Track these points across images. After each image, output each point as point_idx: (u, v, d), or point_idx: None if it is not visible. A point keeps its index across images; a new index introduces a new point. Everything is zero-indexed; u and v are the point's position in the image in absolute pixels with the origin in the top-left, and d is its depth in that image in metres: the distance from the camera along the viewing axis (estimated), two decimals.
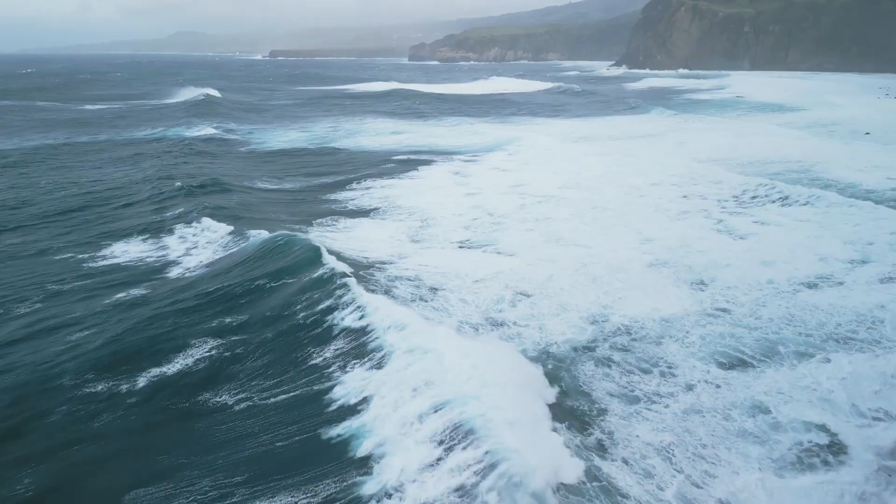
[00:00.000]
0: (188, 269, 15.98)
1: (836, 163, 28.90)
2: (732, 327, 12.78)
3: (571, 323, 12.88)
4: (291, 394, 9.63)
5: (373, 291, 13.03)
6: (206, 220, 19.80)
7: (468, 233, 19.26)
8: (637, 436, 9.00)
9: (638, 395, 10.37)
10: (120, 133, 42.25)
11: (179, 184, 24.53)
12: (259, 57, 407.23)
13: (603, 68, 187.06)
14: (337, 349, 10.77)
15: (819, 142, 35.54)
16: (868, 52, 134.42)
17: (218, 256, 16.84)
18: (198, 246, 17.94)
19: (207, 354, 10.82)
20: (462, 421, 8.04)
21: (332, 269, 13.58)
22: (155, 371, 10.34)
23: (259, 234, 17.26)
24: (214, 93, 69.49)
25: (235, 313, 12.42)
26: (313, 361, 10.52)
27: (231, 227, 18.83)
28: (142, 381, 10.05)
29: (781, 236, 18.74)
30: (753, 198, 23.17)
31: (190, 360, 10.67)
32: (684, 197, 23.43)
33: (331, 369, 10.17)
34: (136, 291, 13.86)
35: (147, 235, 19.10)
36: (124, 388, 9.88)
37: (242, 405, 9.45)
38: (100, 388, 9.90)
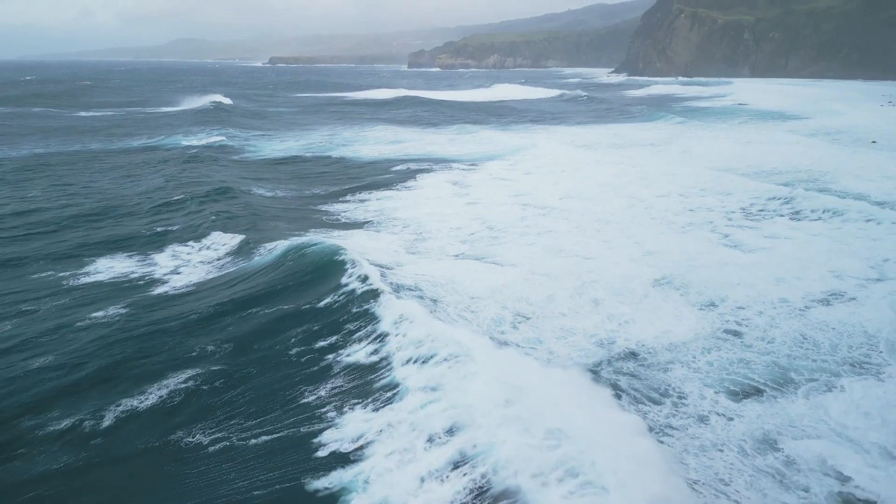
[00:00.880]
0: (174, 287, 15.20)
1: (845, 173, 28.17)
2: (744, 351, 12.05)
3: (578, 346, 12.16)
4: (275, 435, 8.78)
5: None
6: (202, 234, 19.11)
7: (465, 247, 18.51)
8: None
9: (651, 426, 9.65)
10: (113, 142, 41.51)
11: (168, 195, 23.82)
12: (259, 64, 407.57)
13: (603, 75, 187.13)
14: (334, 387, 9.91)
15: (826, 151, 34.82)
16: (868, 60, 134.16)
17: (206, 274, 16.10)
18: (189, 263, 17.17)
19: (184, 386, 10.00)
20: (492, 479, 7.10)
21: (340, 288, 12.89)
22: (124, 404, 9.51)
23: (253, 248, 16.52)
24: (225, 100, 69.08)
25: (220, 339, 11.63)
26: (304, 399, 9.67)
27: (225, 241, 18.10)
28: (108, 416, 9.23)
29: (793, 251, 18.00)
30: (762, 210, 22.45)
31: (164, 392, 9.86)
32: (690, 210, 22.68)
33: (325, 409, 9.33)
34: (114, 311, 13.06)
35: (134, 251, 18.35)
36: (88, 424, 9.06)
37: (219, 446, 8.63)
38: (59, 423, 9.05)
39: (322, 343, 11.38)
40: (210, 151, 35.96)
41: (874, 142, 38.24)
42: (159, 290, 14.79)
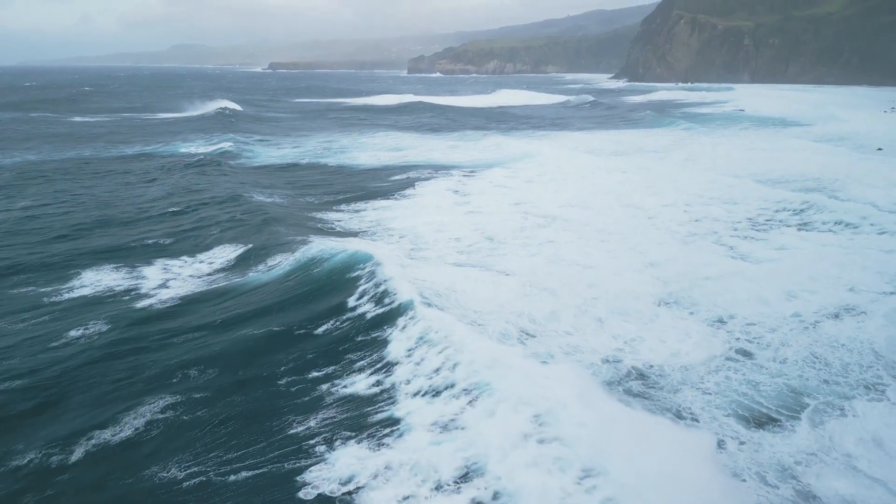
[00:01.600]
0: (161, 302, 14.54)
1: (854, 181, 27.55)
2: (755, 373, 11.43)
3: (585, 365, 11.53)
4: (258, 471, 8.10)
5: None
6: (197, 245, 18.49)
7: (463, 257, 17.88)
8: None
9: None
10: (108, 150, 40.91)
11: (166, 204, 23.20)
12: (259, 69, 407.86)
13: (604, 81, 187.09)
14: (325, 419, 9.26)
15: (832, 158, 34.23)
16: (869, 65, 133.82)
17: (195, 289, 15.45)
18: (179, 277, 16.51)
19: (161, 416, 9.31)
20: None
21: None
22: (97, 436, 8.83)
23: (250, 260, 15.89)
24: (233, 105, 68.56)
25: (204, 361, 10.96)
26: (293, 430, 9.00)
27: (220, 253, 17.47)
28: (78, 450, 8.54)
29: (803, 263, 17.37)
30: (769, 220, 21.83)
31: (140, 422, 9.17)
32: (696, 220, 22.05)
33: (313, 441, 8.65)
34: (93, 329, 12.40)
35: (123, 263, 17.69)
36: (55, 458, 8.38)
37: (194, 481, 7.96)
38: (23, 456, 8.36)
39: (305, 365, 10.70)
40: (213, 158, 35.38)
41: (880, 149, 37.65)
42: (144, 304, 14.13)
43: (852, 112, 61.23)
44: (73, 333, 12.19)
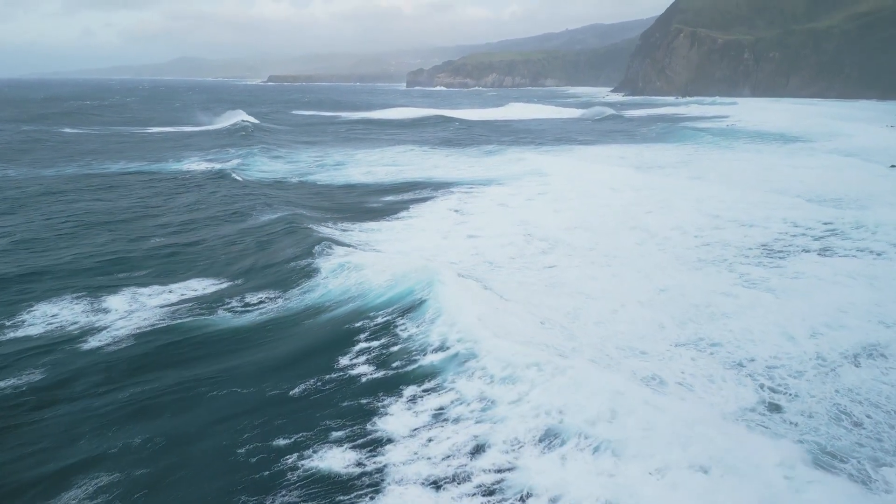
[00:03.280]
0: (115, 340, 12.90)
1: (873, 199, 26.06)
2: (787, 429, 9.79)
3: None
4: None
5: None
6: (172, 272, 16.87)
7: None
8: None
9: None
10: (102, 164, 39.37)
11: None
12: (258, 82, 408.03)
13: (605, 94, 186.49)
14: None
15: (847, 174, 32.83)
16: (870, 79, 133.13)
17: (160, 322, 13.83)
18: (145, 307, 14.89)
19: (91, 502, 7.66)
20: None
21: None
22: None
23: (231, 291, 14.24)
24: (251, 119, 67.39)
25: (155, 426, 9.31)
26: None
27: (197, 281, 15.86)
28: None
29: (826, 295, 15.82)
30: (788, 246, 20.23)
31: None
32: (706, 245, 20.47)
33: None
34: (25, 380, 10.72)
35: (86, 293, 16.06)
36: None
37: None
38: None
39: (276, 435, 9.01)
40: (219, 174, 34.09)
41: (893, 165, 36.19)
42: (94, 345, 12.48)
43: (858, 128, 60.01)
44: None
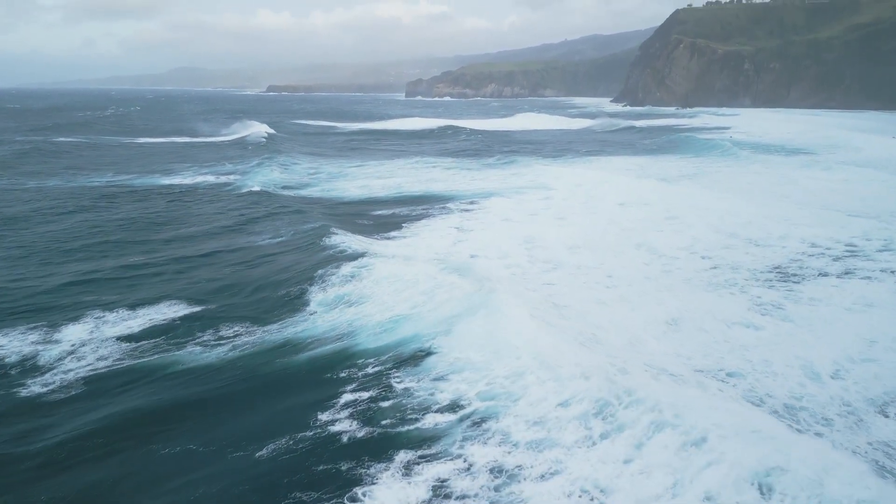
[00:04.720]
0: (64, 384, 11.39)
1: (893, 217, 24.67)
2: None
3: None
4: None
5: None
6: (144, 297, 15.41)
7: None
8: None
9: None
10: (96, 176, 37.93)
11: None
12: (257, 91, 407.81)
13: (605, 104, 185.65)
14: None
15: (859, 188, 31.50)
16: (871, 90, 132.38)
17: (111, 362, 12.35)
18: (97, 340, 13.41)
19: None
20: None
21: None
22: None
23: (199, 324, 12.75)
24: (269, 129, 66.46)
25: (81, 483, 7.81)
26: None
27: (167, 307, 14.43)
28: None
29: (847, 324, 14.47)
30: (803, 268, 18.81)
31: None
32: (715, 267, 19.03)
33: None
34: None
35: (44, 322, 14.58)
36: None
37: None
38: None
39: None
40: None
41: None
42: (37, 389, 10.97)
43: (863, 137, 58.87)
44: None
